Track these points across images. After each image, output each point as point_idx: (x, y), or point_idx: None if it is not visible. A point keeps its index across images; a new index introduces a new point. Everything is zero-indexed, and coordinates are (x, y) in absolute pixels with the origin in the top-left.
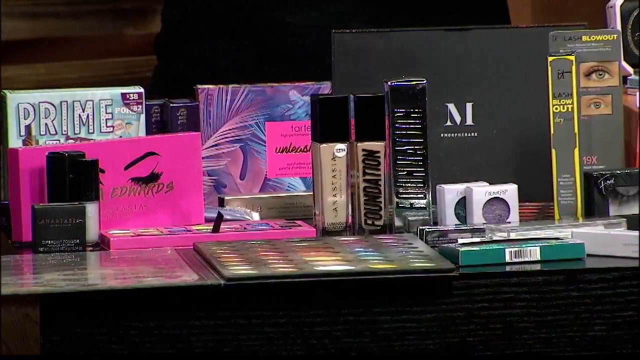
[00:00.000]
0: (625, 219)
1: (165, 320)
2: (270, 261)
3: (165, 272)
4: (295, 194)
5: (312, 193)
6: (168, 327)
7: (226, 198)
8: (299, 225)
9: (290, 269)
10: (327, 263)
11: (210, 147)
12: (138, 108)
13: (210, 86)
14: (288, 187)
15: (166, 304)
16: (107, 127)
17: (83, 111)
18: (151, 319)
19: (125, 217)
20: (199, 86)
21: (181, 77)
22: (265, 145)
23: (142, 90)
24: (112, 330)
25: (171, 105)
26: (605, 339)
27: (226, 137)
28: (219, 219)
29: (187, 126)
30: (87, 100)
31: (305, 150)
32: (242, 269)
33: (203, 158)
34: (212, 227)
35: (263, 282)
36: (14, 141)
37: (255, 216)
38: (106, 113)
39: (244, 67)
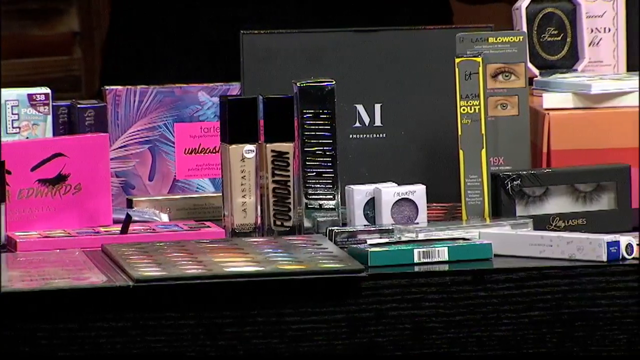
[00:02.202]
0: (531, 220)
1: (73, 323)
2: (179, 262)
3: (73, 274)
4: (204, 195)
5: (221, 194)
6: (76, 329)
7: (135, 199)
8: (208, 227)
9: (200, 270)
10: (237, 264)
11: (119, 148)
12: (45, 109)
13: (118, 87)
14: (197, 188)
15: (74, 305)
16: (13, 128)
17: None
18: (59, 321)
19: (32, 218)
20: (107, 87)
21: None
22: (174, 147)
23: (48, 91)
24: (19, 333)
25: (79, 106)
26: (512, 339)
27: (135, 139)
28: (128, 220)
29: (95, 127)
30: None
31: (214, 151)
32: (151, 271)
33: (111, 159)
34: (120, 229)
35: (172, 284)
36: None
37: (164, 217)
38: (12, 114)
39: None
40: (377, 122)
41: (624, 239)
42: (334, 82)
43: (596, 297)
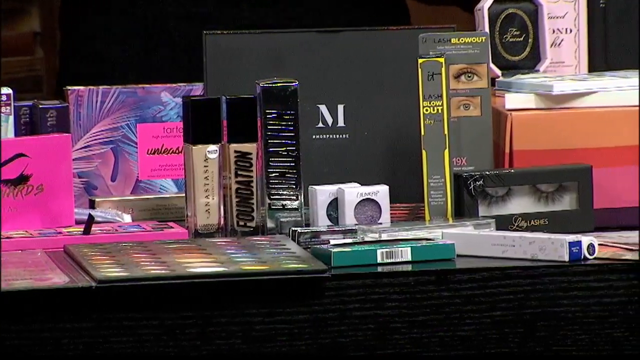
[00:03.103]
0: (494, 220)
1: (35, 323)
2: (142, 263)
3: (35, 275)
4: (167, 195)
5: (184, 195)
6: (38, 330)
7: (97, 200)
8: (171, 227)
9: (163, 271)
10: (200, 265)
11: (81, 148)
12: (7, 109)
13: (81, 87)
14: (160, 188)
15: (36, 307)
16: None
17: None
18: (21, 323)
19: None
20: (69, 87)
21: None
22: (136, 147)
23: (10, 91)
24: None
25: (41, 106)
26: (474, 339)
27: (97, 139)
28: (90, 220)
29: (57, 128)
30: None
31: (177, 152)
32: (113, 271)
33: (73, 160)
34: (83, 229)
35: (135, 284)
36: None
37: (127, 218)
38: None
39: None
40: (340, 123)
41: (586, 239)
42: (297, 83)
43: (558, 297)
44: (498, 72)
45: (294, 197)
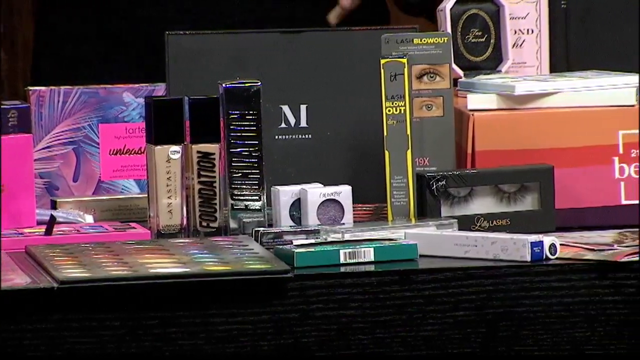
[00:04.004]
0: (456, 220)
1: None
2: (104, 264)
3: None
4: (130, 196)
5: (146, 195)
6: None
7: (59, 200)
8: (134, 228)
9: (125, 272)
10: (162, 265)
11: (43, 149)
12: None
13: (42, 87)
14: (122, 189)
15: None
16: None
17: None
18: None
19: None
20: (30, 88)
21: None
22: (98, 148)
23: None
24: None
25: (1, 107)
26: (437, 339)
27: (59, 139)
28: (52, 221)
29: (18, 128)
30: None
31: (139, 152)
32: (75, 272)
33: (35, 160)
34: (44, 230)
35: (97, 285)
36: None
37: (89, 219)
38: None
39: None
40: (303, 123)
41: (548, 239)
42: (260, 83)
43: (520, 297)
44: (460, 72)
45: (257, 198)
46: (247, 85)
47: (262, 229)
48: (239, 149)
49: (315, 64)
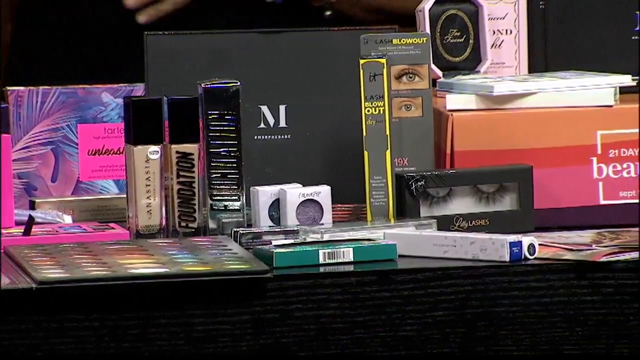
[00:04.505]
0: (435, 220)
1: None
2: (83, 264)
3: None
4: (108, 196)
5: (125, 195)
6: None
7: (37, 201)
8: (112, 228)
9: (104, 272)
10: (141, 266)
11: (21, 149)
12: None
13: (20, 88)
14: (101, 189)
15: None
16: None
17: None
18: None
19: None
20: (9, 88)
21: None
22: (77, 148)
23: None
24: None
25: None
26: (416, 339)
27: (37, 140)
28: (30, 222)
29: None
30: None
31: (118, 152)
32: (54, 272)
33: (13, 160)
34: (23, 230)
35: (75, 285)
36: None
37: (67, 219)
38: None
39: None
40: (282, 124)
41: (526, 239)
42: (239, 83)
43: (499, 297)
44: (439, 73)
45: (236, 198)
46: (226, 85)
47: (241, 229)
48: (218, 149)
49: (294, 64)
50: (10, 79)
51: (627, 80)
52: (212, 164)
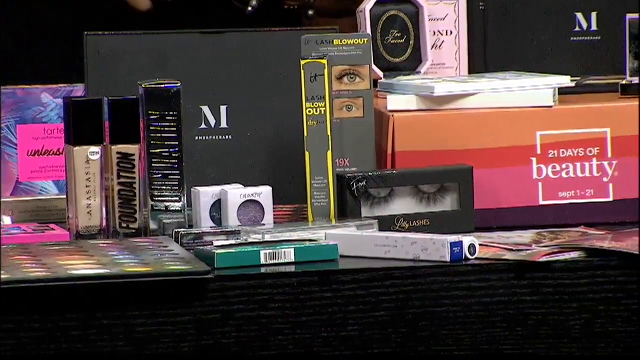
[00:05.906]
0: (377, 221)
1: None
2: (23, 265)
3: None
4: (48, 197)
5: (65, 196)
6: None
7: None
8: (52, 229)
9: (44, 273)
10: (82, 267)
11: None
12: None
13: None
14: (41, 190)
15: None
16: None
17: None
18: None
19: None
20: None
21: None
22: (16, 149)
23: None
24: None
25: None
26: (358, 339)
27: None
28: None
29: None
30: None
31: (58, 153)
32: None
33: None
34: None
35: (15, 287)
36: None
37: (7, 220)
38: None
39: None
40: (223, 124)
41: (467, 240)
42: (180, 84)
43: (440, 297)
44: (380, 73)
45: (177, 199)
46: (167, 85)
47: (182, 230)
48: (159, 150)
49: (235, 64)
50: None
51: (565, 81)
52: (153, 165)
